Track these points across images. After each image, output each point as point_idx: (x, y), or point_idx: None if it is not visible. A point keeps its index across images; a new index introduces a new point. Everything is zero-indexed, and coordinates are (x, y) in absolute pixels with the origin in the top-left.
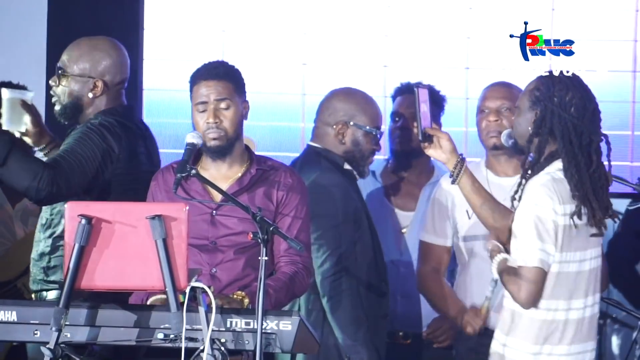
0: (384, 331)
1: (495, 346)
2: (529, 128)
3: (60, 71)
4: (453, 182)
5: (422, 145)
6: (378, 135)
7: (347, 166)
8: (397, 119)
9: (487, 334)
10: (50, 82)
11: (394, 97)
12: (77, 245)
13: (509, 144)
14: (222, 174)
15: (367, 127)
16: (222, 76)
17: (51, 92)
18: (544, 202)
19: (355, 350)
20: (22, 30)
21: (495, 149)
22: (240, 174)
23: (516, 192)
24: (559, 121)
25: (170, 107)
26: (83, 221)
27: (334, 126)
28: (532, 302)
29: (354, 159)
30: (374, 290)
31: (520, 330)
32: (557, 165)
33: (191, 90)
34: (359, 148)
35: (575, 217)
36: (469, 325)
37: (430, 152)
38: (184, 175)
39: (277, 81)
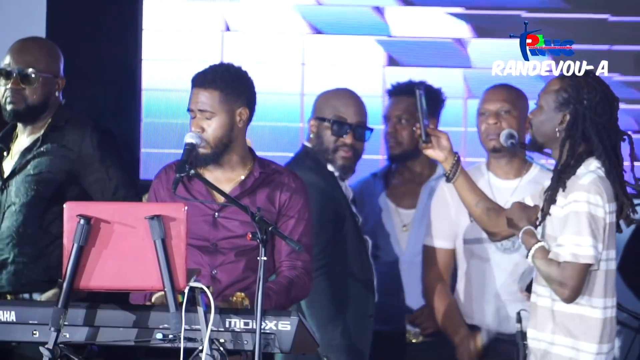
0: (370, 331)
1: (562, 350)
2: (556, 129)
3: (32, 72)
4: (448, 181)
5: (422, 145)
6: (346, 128)
7: (330, 167)
8: (387, 122)
9: (488, 336)
10: (12, 85)
11: (388, 94)
12: (75, 245)
13: (508, 144)
14: (225, 176)
15: (326, 118)
16: (210, 84)
17: (10, 93)
18: (596, 200)
19: (332, 349)
20: (21, 30)
21: (495, 152)
22: (243, 177)
23: (550, 193)
24: (591, 124)
25: (169, 107)
26: (82, 221)
27: (309, 124)
28: (575, 297)
29: (319, 153)
30: (359, 290)
31: (589, 333)
32: (593, 163)
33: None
34: (320, 140)
35: (614, 215)
36: (465, 355)
37: (429, 152)
38: (182, 175)
39: (276, 81)
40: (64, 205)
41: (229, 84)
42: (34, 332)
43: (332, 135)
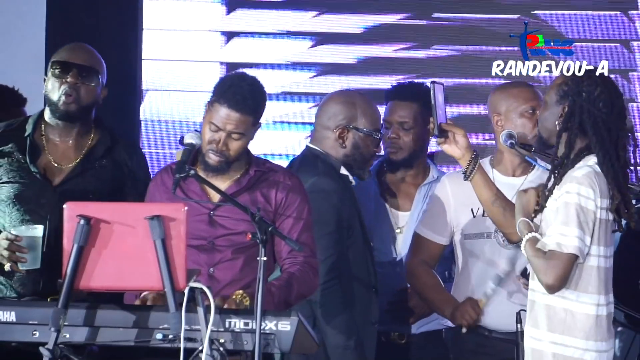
0: (374, 338)
1: (542, 345)
2: (556, 122)
3: (92, 69)
4: (466, 179)
5: (437, 140)
6: (379, 138)
7: (343, 171)
8: (387, 126)
9: (486, 334)
10: (71, 79)
11: (386, 96)
12: (75, 246)
13: (508, 144)
14: (223, 176)
15: (367, 130)
16: (247, 111)
17: (67, 88)
18: (587, 193)
19: (345, 357)
20: (21, 30)
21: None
22: (239, 175)
23: (546, 186)
24: (588, 116)
25: (169, 108)
26: (82, 221)
27: (334, 130)
28: (558, 287)
29: (354, 162)
30: (364, 297)
31: (577, 328)
32: (593, 159)
33: (213, 98)
34: (360, 151)
35: (609, 212)
36: (464, 318)
37: (445, 147)
38: (182, 175)
39: (276, 81)
40: (64, 206)
41: (260, 107)
42: (34, 332)
43: (371, 146)
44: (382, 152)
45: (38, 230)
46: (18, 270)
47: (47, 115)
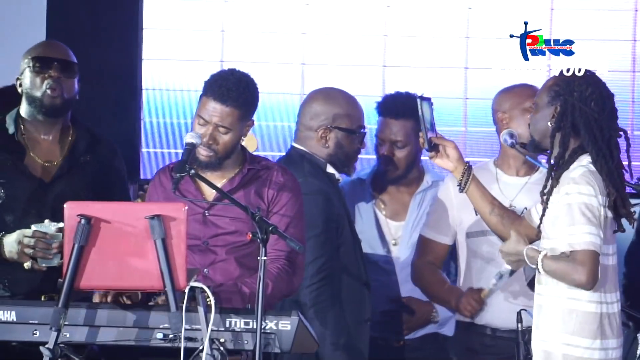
0: (367, 335)
1: (552, 346)
2: (549, 123)
3: (72, 62)
4: (461, 191)
5: (429, 155)
6: (362, 133)
7: (330, 169)
8: (380, 143)
9: (488, 333)
10: (55, 73)
11: (378, 110)
12: (76, 245)
13: (508, 143)
14: (216, 175)
15: (350, 129)
16: (232, 102)
17: (52, 83)
18: (588, 190)
19: (335, 356)
20: (21, 30)
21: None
22: (233, 174)
23: (545, 186)
24: (580, 115)
25: (169, 107)
26: (82, 221)
27: (317, 130)
28: (594, 282)
29: (338, 161)
30: (356, 295)
31: (584, 328)
32: (586, 158)
33: (202, 93)
34: (343, 150)
35: (608, 210)
36: (467, 309)
37: (437, 161)
38: (182, 175)
39: (276, 81)
40: (64, 205)
41: (248, 101)
42: (35, 331)
43: (354, 143)
44: (374, 154)
45: (61, 227)
46: (39, 268)
47: (26, 113)
